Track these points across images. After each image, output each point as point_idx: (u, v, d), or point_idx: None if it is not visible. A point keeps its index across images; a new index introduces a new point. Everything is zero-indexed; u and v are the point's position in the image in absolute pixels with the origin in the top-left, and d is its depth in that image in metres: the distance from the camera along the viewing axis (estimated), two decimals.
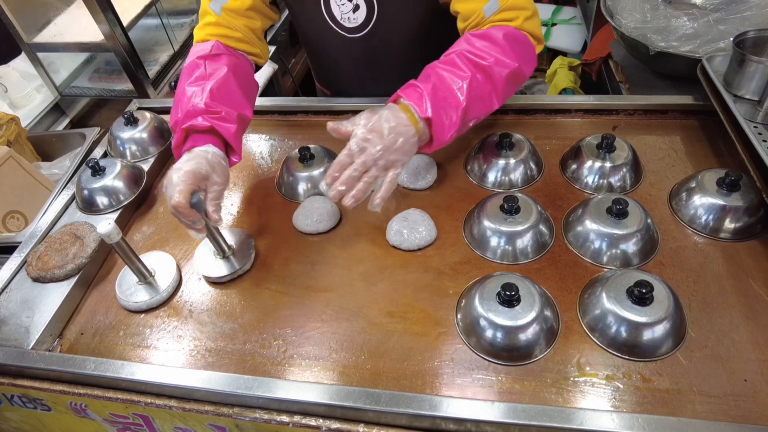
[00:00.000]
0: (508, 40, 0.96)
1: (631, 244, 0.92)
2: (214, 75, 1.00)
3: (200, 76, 1.01)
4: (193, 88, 0.99)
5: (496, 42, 0.96)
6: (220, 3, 1.08)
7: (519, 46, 0.98)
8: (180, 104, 0.99)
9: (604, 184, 1.06)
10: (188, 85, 1.00)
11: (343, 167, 0.89)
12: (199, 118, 0.94)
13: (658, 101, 1.20)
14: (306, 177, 1.12)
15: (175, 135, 0.97)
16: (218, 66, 1.02)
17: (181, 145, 0.97)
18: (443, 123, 0.91)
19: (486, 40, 0.96)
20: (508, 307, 0.81)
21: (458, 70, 0.93)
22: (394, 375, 0.82)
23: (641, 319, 0.78)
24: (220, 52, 1.05)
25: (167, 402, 0.82)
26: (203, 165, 0.90)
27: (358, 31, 1.15)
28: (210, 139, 0.96)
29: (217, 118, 0.96)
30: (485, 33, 0.97)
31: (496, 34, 0.96)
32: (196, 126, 0.94)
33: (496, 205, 0.96)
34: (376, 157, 0.88)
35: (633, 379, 0.77)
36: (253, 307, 0.95)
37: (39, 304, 0.98)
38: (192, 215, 0.89)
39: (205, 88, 0.98)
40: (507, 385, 0.79)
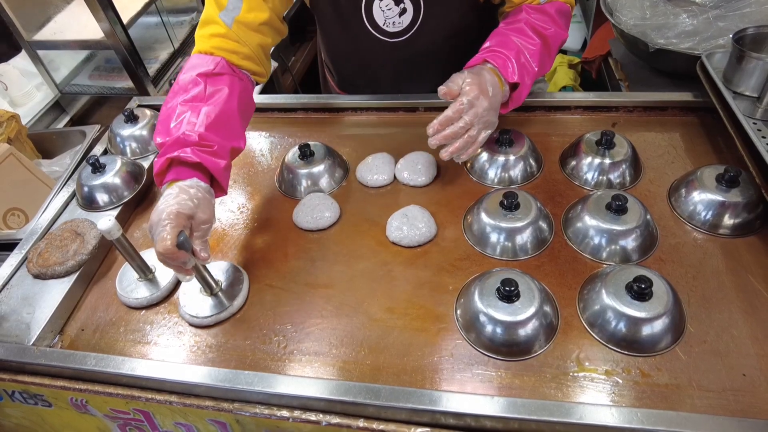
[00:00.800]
0: (558, 13, 1.07)
1: (631, 240, 0.92)
2: (213, 99, 0.94)
3: (198, 97, 0.93)
4: (188, 110, 0.91)
5: (549, 15, 1.06)
6: (233, 14, 0.99)
7: (565, 17, 1.10)
8: (169, 122, 0.91)
9: (603, 180, 1.06)
10: (182, 104, 0.92)
11: (449, 121, 0.96)
12: (188, 149, 0.87)
13: (657, 98, 1.20)
14: (306, 174, 1.12)
15: (158, 159, 0.89)
16: (219, 89, 0.95)
17: (164, 172, 0.89)
18: (524, 87, 1.01)
19: (541, 13, 1.06)
20: (507, 302, 0.81)
21: (530, 39, 1.02)
22: (394, 370, 0.82)
23: (640, 315, 0.79)
24: (224, 72, 0.97)
25: (168, 397, 0.83)
26: (188, 204, 0.83)
27: (401, 35, 1.15)
28: (196, 174, 0.88)
29: (209, 152, 0.89)
30: (541, 8, 1.06)
31: (549, 9, 1.07)
32: (183, 158, 0.87)
33: (495, 201, 0.96)
34: (481, 116, 0.96)
35: (632, 374, 0.78)
36: (253, 303, 0.95)
37: (40, 301, 0.98)
38: (181, 257, 0.81)
39: (200, 113, 0.91)
40: (507, 380, 0.79)
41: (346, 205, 1.10)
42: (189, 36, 2.05)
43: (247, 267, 1.00)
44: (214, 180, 0.92)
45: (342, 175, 1.16)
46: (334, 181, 1.14)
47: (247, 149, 1.29)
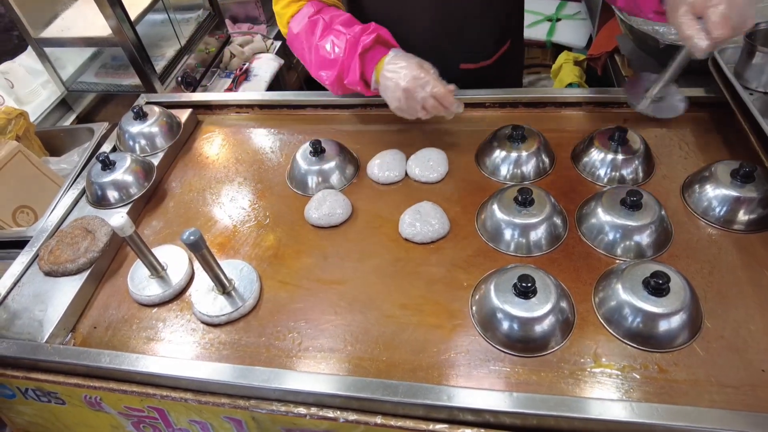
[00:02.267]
0: None
1: (645, 236, 0.92)
2: (335, 19, 1.05)
3: (324, 27, 1.05)
4: (328, 35, 1.03)
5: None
6: None
7: None
8: (326, 54, 1.03)
9: (616, 176, 1.06)
10: (320, 41, 1.04)
11: None
12: (362, 38, 1.00)
13: None
14: (317, 170, 1.12)
15: (349, 71, 1.03)
16: (332, 13, 1.07)
17: (362, 72, 1.02)
18: None
19: None
20: (524, 298, 0.81)
21: None
22: (409, 367, 0.82)
23: (658, 310, 0.78)
24: (321, 7, 1.09)
25: (183, 395, 0.82)
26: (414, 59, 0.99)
27: None
28: (384, 50, 1.02)
29: (374, 29, 1.02)
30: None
31: None
32: (366, 44, 1.00)
33: (510, 197, 0.96)
34: None
35: (650, 370, 0.77)
36: (266, 300, 0.95)
37: (52, 298, 0.98)
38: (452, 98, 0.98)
39: (340, 27, 1.03)
40: (523, 376, 0.79)
41: (358, 201, 1.10)
42: (195, 33, 2.05)
43: (259, 264, 1.00)
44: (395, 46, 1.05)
45: (353, 171, 1.16)
46: (345, 178, 1.14)
47: (257, 146, 1.29)
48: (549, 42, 2.73)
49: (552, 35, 2.71)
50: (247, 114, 1.39)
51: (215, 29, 2.15)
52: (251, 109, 1.39)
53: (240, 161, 1.25)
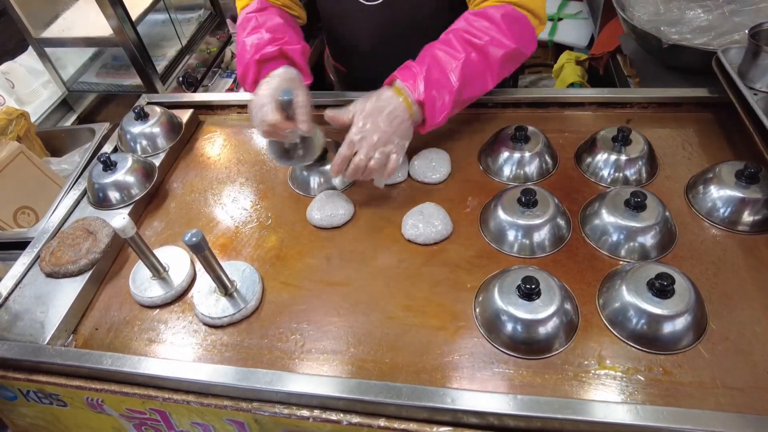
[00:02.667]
0: (505, 20, 0.98)
1: (649, 237, 0.91)
2: (267, 22, 1.08)
3: (255, 27, 1.08)
4: (252, 35, 1.06)
5: (493, 21, 0.98)
6: None
7: (517, 26, 1.00)
8: (244, 53, 1.06)
9: (619, 177, 1.05)
10: (246, 37, 1.07)
11: (347, 159, 0.95)
12: (267, 47, 1.02)
13: (672, 94, 1.19)
14: (319, 171, 1.12)
15: (248, 74, 1.05)
16: (269, 15, 1.10)
17: (256, 78, 1.04)
18: (435, 105, 0.95)
19: (483, 18, 0.99)
20: (528, 300, 0.80)
21: (454, 51, 0.96)
22: (413, 369, 0.81)
23: (662, 312, 0.78)
24: (266, 6, 1.12)
25: (185, 397, 0.82)
26: (283, 82, 0.98)
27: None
28: (282, 63, 1.03)
29: (282, 42, 1.03)
30: (483, 12, 0.99)
31: (494, 14, 0.98)
32: (265, 55, 1.02)
33: (513, 198, 0.95)
34: (377, 144, 0.93)
35: (654, 372, 0.77)
36: (268, 301, 0.95)
37: (53, 300, 0.97)
38: (286, 126, 0.95)
39: (262, 30, 1.05)
40: (528, 378, 0.79)
41: (360, 202, 1.09)
42: (197, 33, 2.04)
43: (261, 265, 1.00)
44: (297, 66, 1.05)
45: None
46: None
47: (259, 147, 1.28)
48: (551, 41, 2.73)
49: (554, 35, 2.70)
50: (248, 114, 1.39)
51: (216, 29, 2.15)
52: None
53: (242, 162, 1.25)
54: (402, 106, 0.94)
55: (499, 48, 0.97)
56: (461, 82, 0.95)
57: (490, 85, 1.00)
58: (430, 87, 0.93)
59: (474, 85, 0.98)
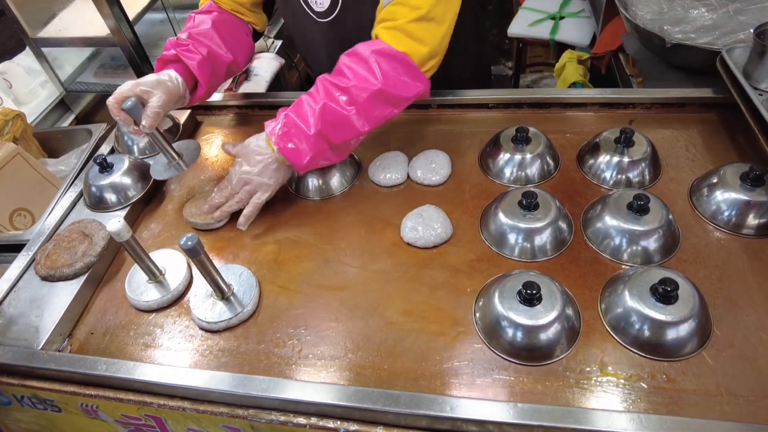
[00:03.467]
0: (376, 57, 0.95)
1: (653, 241, 0.90)
2: (198, 26, 1.14)
3: (188, 27, 1.15)
4: (181, 34, 1.13)
5: (361, 59, 0.96)
6: None
7: (388, 64, 0.95)
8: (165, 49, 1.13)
9: (622, 179, 1.04)
10: (180, 34, 1.14)
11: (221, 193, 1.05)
12: (171, 50, 1.09)
13: (675, 95, 1.17)
14: (317, 173, 1.10)
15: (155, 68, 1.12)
16: (204, 19, 1.15)
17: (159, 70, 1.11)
18: (293, 152, 0.98)
19: (354, 57, 0.98)
20: (528, 306, 0.79)
21: (314, 97, 0.99)
22: (412, 375, 0.80)
23: (666, 318, 0.76)
24: (211, 10, 1.17)
25: (180, 403, 0.81)
26: (150, 80, 1.04)
27: (327, 16, 1.18)
28: (175, 67, 1.09)
29: (184, 49, 1.09)
30: (354, 51, 0.99)
31: (363, 52, 0.96)
32: (165, 56, 1.10)
33: (514, 201, 0.94)
34: (240, 183, 1.02)
35: (658, 380, 0.76)
36: (265, 305, 0.93)
37: (48, 303, 0.96)
38: (121, 116, 1.03)
39: (185, 33, 1.12)
40: (528, 385, 0.77)
41: (359, 204, 1.08)
42: None
43: (259, 269, 0.99)
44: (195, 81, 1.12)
45: (353, 173, 1.14)
46: (346, 180, 1.12)
47: None
48: (552, 40, 2.70)
49: (555, 33, 2.68)
50: (247, 114, 1.38)
51: None
52: (251, 110, 1.38)
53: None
54: (267, 152, 1.00)
55: (363, 90, 0.95)
56: (320, 127, 0.96)
57: (366, 127, 0.98)
58: (287, 135, 0.98)
59: (344, 129, 0.97)
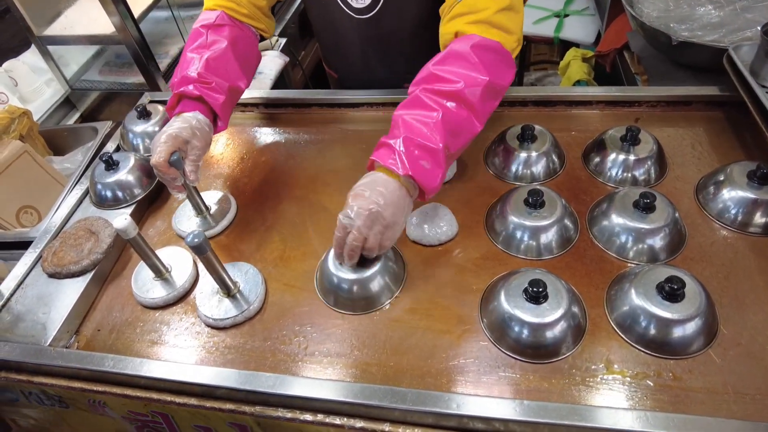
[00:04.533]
0: (476, 51, 0.88)
1: (659, 239, 0.90)
2: (213, 46, 1.06)
3: (201, 45, 1.06)
4: (193, 55, 1.04)
5: (461, 57, 0.88)
6: None
7: (488, 56, 0.90)
8: (180, 68, 1.05)
9: (628, 177, 1.03)
10: (189, 52, 1.06)
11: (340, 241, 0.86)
12: (191, 86, 1.01)
13: (681, 92, 1.17)
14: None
15: (171, 97, 1.04)
16: (218, 38, 1.07)
17: (173, 107, 1.04)
18: (427, 173, 0.84)
19: (451, 58, 0.89)
20: (535, 303, 0.79)
21: (427, 110, 0.86)
22: (418, 373, 0.80)
23: (672, 316, 0.76)
24: (224, 23, 1.08)
25: (187, 400, 0.81)
26: (186, 130, 0.98)
27: (366, 13, 1.15)
28: (198, 107, 1.02)
29: (208, 88, 1.02)
30: (449, 52, 0.90)
31: (461, 49, 0.89)
32: (187, 93, 1.01)
33: (520, 199, 0.94)
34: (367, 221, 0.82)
35: (664, 378, 0.75)
36: (271, 303, 0.94)
37: (55, 300, 0.97)
38: (171, 173, 0.97)
39: (203, 57, 1.03)
40: (534, 383, 0.77)
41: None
42: None
43: (264, 266, 0.99)
44: (216, 115, 1.05)
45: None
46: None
47: (262, 146, 1.27)
48: (556, 38, 2.69)
49: (559, 31, 2.67)
50: (252, 113, 1.38)
51: None
52: (256, 107, 1.38)
53: (245, 161, 1.23)
54: (389, 180, 0.84)
55: (475, 87, 0.87)
56: (445, 139, 0.85)
57: (479, 126, 0.89)
58: (414, 158, 0.83)
59: (461, 135, 0.88)
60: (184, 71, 1.02)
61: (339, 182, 1.13)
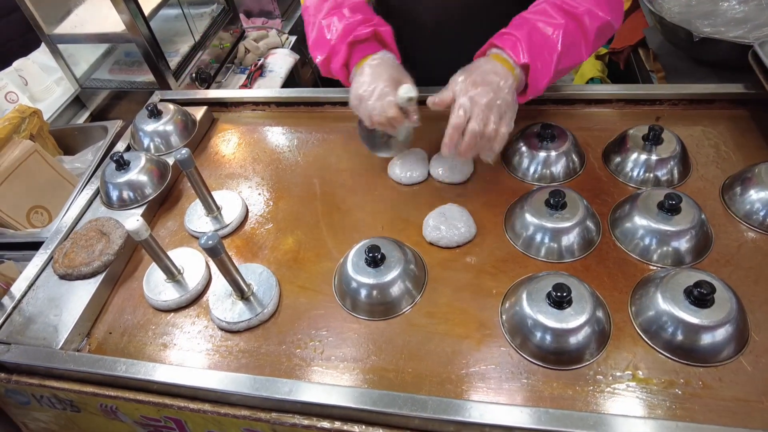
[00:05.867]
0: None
1: (684, 242, 0.87)
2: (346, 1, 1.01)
3: (333, 6, 1.01)
4: (333, 17, 0.99)
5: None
6: None
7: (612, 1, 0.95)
8: (324, 37, 0.99)
9: (650, 177, 1.01)
10: (324, 18, 1.00)
11: (457, 133, 0.88)
12: (359, 28, 0.95)
13: (704, 90, 1.13)
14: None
15: (335, 56, 0.98)
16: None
17: (347, 61, 0.97)
18: (539, 69, 0.90)
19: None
20: (558, 308, 0.77)
21: (551, 19, 0.91)
22: (437, 379, 0.78)
23: (702, 322, 0.74)
24: None
25: (201, 406, 0.80)
26: (393, 69, 0.92)
27: None
28: (376, 47, 0.97)
29: (374, 24, 0.97)
30: None
31: None
32: (359, 36, 0.95)
33: (540, 199, 0.91)
34: (487, 112, 0.86)
35: (693, 386, 0.73)
36: (285, 306, 0.92)
37: (66, 302, 0.95)
38: (400, 120, 0.90)
39: (345, 12, 0.98)
40: (558, 390, 0.75)
41: (379, 203, 1.06)
42: (210, 28, 2.01)
43: (278, 268, 0.97)
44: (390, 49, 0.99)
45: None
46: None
47: (274, 145, 1.25)
48: None
49: None
50: (263, 111, 1.36)
51: (229, 24, 2.12)
52: (268, 106, 1.36)
53: (257, 160, 1.22)
54: (506, 72, 0.88)
55: (594, 19, 0.92)
56: (563, 47, 0.90)
57: (585, 56, 0.94)
58: (533, 50, 0.88)
59: (571, 55, 0.92)
60: (339, 29, 0.97)
61: (353, 182, 1.11)
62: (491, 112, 0.86)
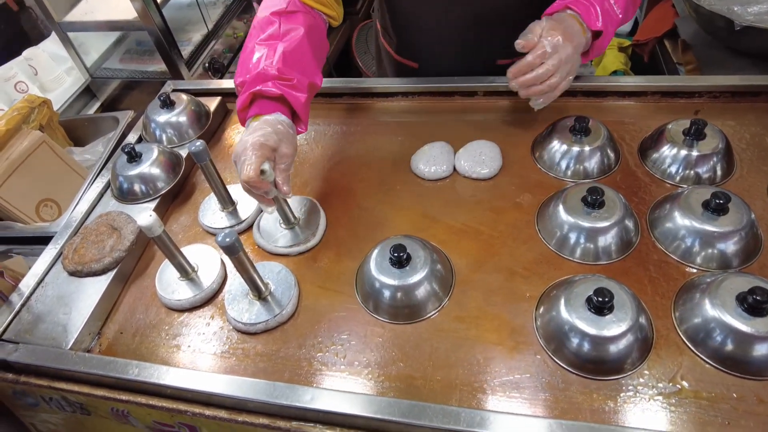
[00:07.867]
0: None
1: (732, 244, 0.81)
2: (288, 36, 0.94)
3: (273, 35, 0.94)
4: (264, 47, 0.93)
5: None
6: None
7: None
8: (248, 63, 0.93)
9: (690, 175, 0.95)
10: (259, 43, 0.94)
11: (530, 66, 0.92)
12: (269, 83, 0.89)
13: (748, 82, 1.07)
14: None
15: (240, 96, 0.92)
16: (293, 26, 0.95)
17: (246, 108, 0.92)
18: (607, 35, 0.95)
19: None
20: (599, 315, 0.71)
21: None
22: (468, 389, 0.73)
23: (757, 332, 0.68)
24: (297, 10, 0.97)
25: (217, 412, 0.75)
26: (272, 136, 0.86)
27: None
28: (278, 107, 0.91)
29: (289, 86, 0.91)
30: None
31: None
32: (265, 92, 0.89)
33: (577, 197, 0.86)
34: (564, 62, 0.91)
35: (747, 401, 0.68)
36: (305, 307, 0.87)
37: (76, 300, 0.91)
38: (264, 187, 0.84)
39: (277, 50, 0.92)
40: (598, 402, 0.70)
41: (401, 199, 1.01)
42: (223, 17, 1.97)
43: (297, 267, 0.92)
44: (295, 115, 0.94)
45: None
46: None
47: None
48: None
49: None
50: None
51: (243, 12, 2.07)
52: None
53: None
54: (581, 33, 0.93)
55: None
56: (623, 13, 0.96)
57: (630, 17, 1.01)
58: (605, 16, 0.93)
59: (626, 18, 0.98)
60: (258, 67, 0.91)
61: (373, 177, 1.06)
62: (565, 65, 0.92)
